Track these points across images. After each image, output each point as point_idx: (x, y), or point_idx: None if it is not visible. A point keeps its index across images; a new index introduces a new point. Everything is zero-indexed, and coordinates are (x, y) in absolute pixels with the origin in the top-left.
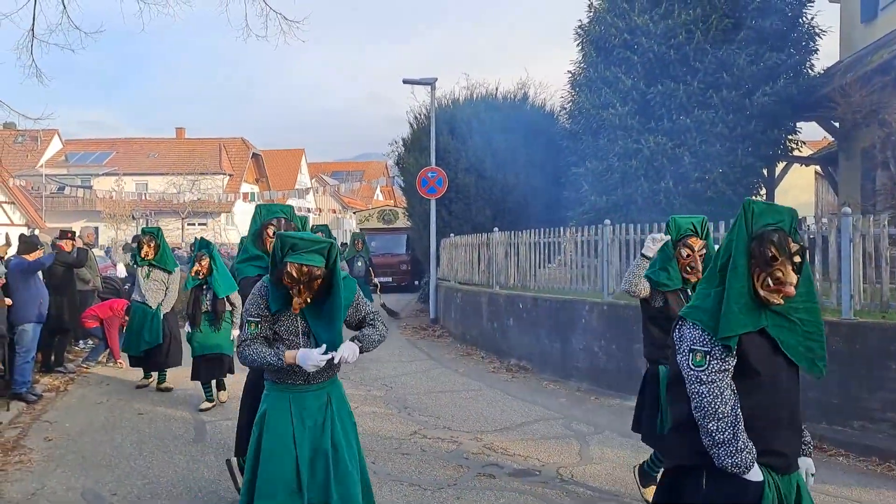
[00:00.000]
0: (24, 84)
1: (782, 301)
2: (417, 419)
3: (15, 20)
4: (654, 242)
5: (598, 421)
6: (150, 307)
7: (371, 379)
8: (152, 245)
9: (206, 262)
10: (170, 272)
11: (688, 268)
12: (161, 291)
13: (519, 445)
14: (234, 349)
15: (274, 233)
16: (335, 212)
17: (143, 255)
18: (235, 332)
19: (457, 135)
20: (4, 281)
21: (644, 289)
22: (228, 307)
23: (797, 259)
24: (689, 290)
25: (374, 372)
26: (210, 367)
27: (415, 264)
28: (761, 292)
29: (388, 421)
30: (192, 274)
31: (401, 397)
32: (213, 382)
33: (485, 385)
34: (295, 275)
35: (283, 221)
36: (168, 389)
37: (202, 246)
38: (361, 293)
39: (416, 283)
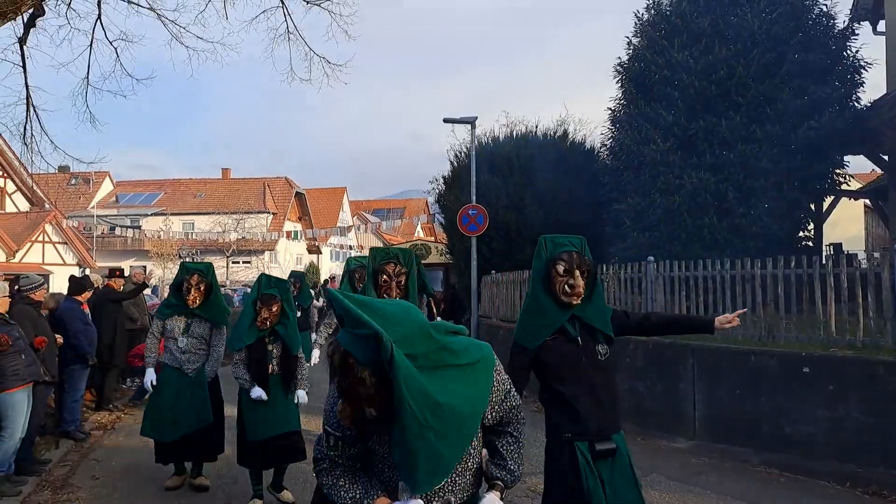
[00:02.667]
0: (79, 129)
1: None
2: None
3: (71, 69)
4: None
5: (645, 463)
6: (188, 373)
7: None
8: (202, 288)
9: (277, 307)
10: (219, 325)
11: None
12: (202, 351)
13: None
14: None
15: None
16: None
17: (190, 302)
18: (303, 396)
19: (497, 172)
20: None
21: None
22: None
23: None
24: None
25: None
26: (281, 452)
27: (451, 302)
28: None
29: None
30: (259, 324)
31: None
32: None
33: (529, 425)
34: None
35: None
36: (205, 488)
37: (270, 285)
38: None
39: (454, 321)
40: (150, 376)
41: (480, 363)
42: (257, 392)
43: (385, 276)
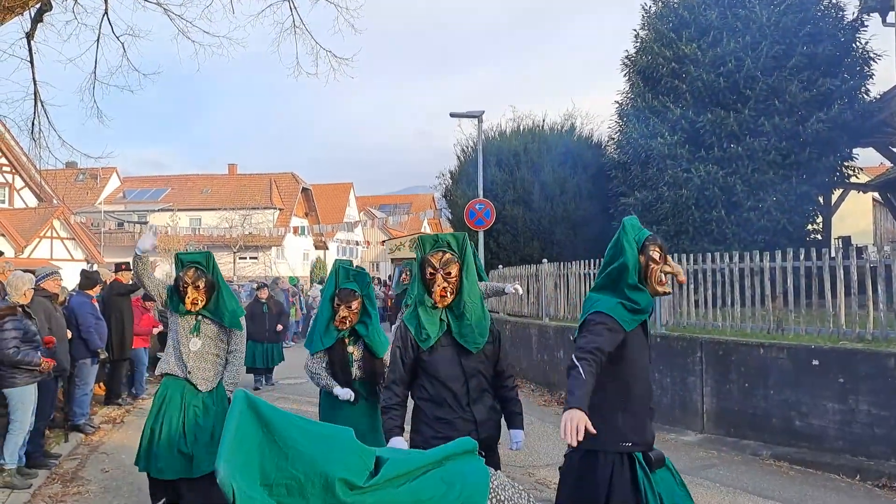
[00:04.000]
0: (86, 125)
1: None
2: None
3: (78, 64)
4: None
5: None
6: (200, 389)
7: None
8: (202, 286)
9: (357, 304)
10: (234, 330)
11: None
12: (219, 359)
13: None
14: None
15: None
16: (383, 244)
17: (188, 305)
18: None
19: (504, 167)
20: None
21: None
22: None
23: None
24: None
25: None
26: None
27: None
28: None
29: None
30: (337, 323)
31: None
32: None
33: (535, 418)
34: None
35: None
36: None
37: (348, 278)
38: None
39: None
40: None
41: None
42: (343, 392)
43: (430, 269)
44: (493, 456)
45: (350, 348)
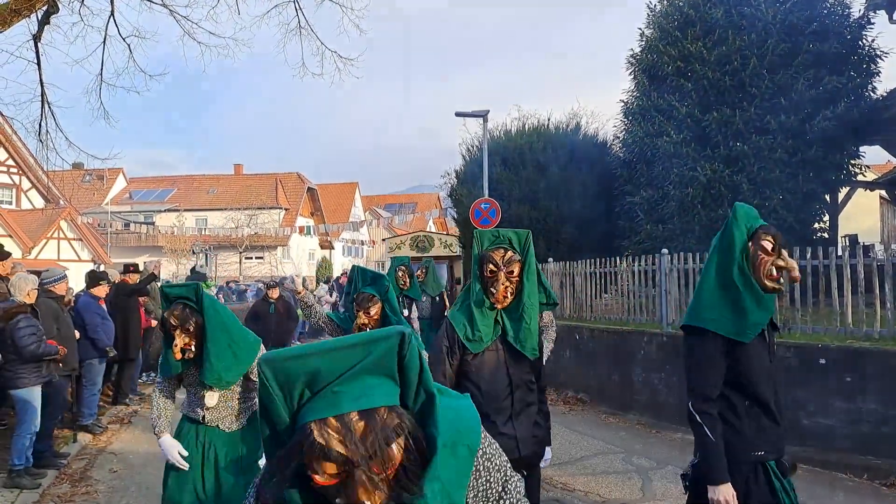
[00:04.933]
0: (93, 126)
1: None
2: None
3: (85, 66)
4: None
5: (660, 455)
6: (222, 429)
7: None
8: (192, 328)
9: (377, 310)
10: (249, 386)
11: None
12: (247, 399)
13: (579, 480)
14: None
15: None
16: (383, 242)
17: (176, 354)
18: None
19: (509, 166)
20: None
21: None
22: None
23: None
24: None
25: None
26: None
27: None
28: None
29: None
30: (354, 332)
31: None
32: None
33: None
34: None
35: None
36: None
37: (366, 281)
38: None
39: None
40: (170, 447)
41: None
42: None
43: (492, 266)
44: (535, 474)
45: None
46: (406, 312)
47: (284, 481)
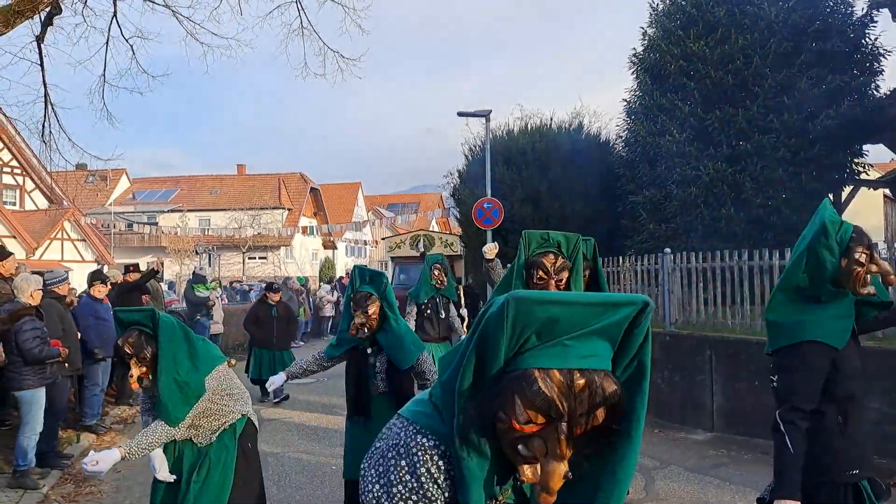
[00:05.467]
0: (96, 127)
1: None
2: None
3: (88, 67)
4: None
5: (663, 455)
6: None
7: None
8: (148, 355)
9: (374, 309)
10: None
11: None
12: (218, 413)
13: None
14: None
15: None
16: (383, 241)
17: (136, 383)
18: None
19: (512, 165)
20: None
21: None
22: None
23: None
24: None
25: None
26: None
27: (469, 298)
28: None
29: None
30: (353, 332)
31: None
32: None
33: None
34: None
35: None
36: None
37: (364, 280)
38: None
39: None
40: (159, 463)
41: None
42: (276, 379)
43: (542, 273)
44: None
45: (372, 359)
46: (443, 314)
47: (478, 420)
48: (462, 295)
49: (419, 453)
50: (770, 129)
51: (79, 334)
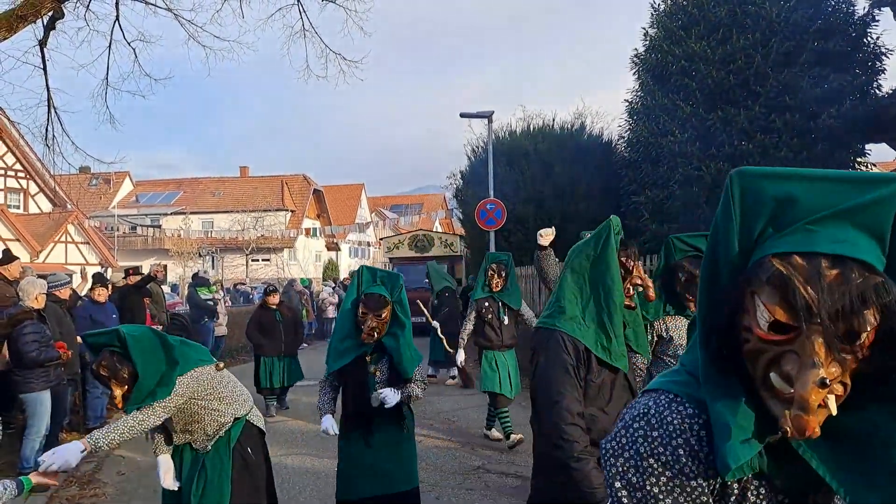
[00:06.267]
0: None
1: None
2: (481, 454)
3: (91, 70)
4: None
5: None
6: (198, 449)
7: (433, 413)
8: (126, 374)
9: (387, 312)
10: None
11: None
12: (208, 417)
13: None
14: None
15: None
16: (380, 242)
17: (122, 402)
18: (390, 395)
19: (514, 166)
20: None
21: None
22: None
23: None
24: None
25: (436, 406)
26: None
27: (468, 299)
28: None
29: (452, 455)
30: (364, 337)
31: (464, 431)
32: None
33: None
34: None
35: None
36: None
37: (375, 281)
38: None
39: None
40: (165, 470)
41: None
42: (325, 423)
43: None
44: None
45: (371, 368)
46: (506, 320)
47: (723, 345)
48: (460, 296)
49: (675, 422)
50: (772, 129)
51: (78, 338)
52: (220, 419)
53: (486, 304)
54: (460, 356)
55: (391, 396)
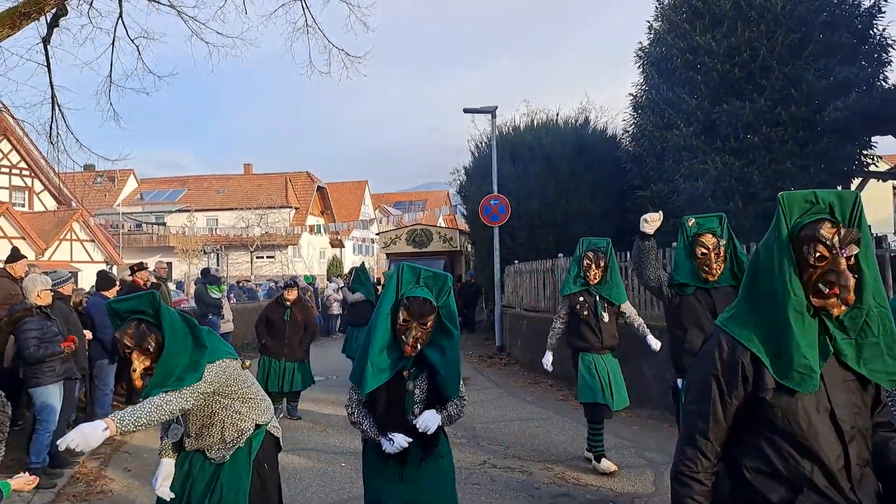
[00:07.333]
0: (103, 127)
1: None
2: (487, 448)
3: (94, 67)
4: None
5: (673, 450)
6: (212, 459)
7: None
8: (152, 347)
9: (433, 321)
10: (235, 408)
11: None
12: (227, 418)
13: (591, 475)
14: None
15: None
16: (378, 236)
17: (139, 381)
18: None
19: (518, 162)
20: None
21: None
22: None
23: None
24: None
25: None
26: None
27: (466, 296)
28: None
29: (457, 450)
30: (408, 350)
31: (469, 426)
32: None
33: (554, 413)
34: None
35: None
36: None
37: (417, 282)
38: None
39: (469, 321)
40: (163, 476)
41: None
42: (396, 443)
43: (823, 250)
44: None
45: (409, 385)
46: (606, 317)
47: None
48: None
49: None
50: (778, 122)
51: (88, 334)
52: (240, 424)
53: (581, 298)
54: (548, 359)
55: (433, 421)
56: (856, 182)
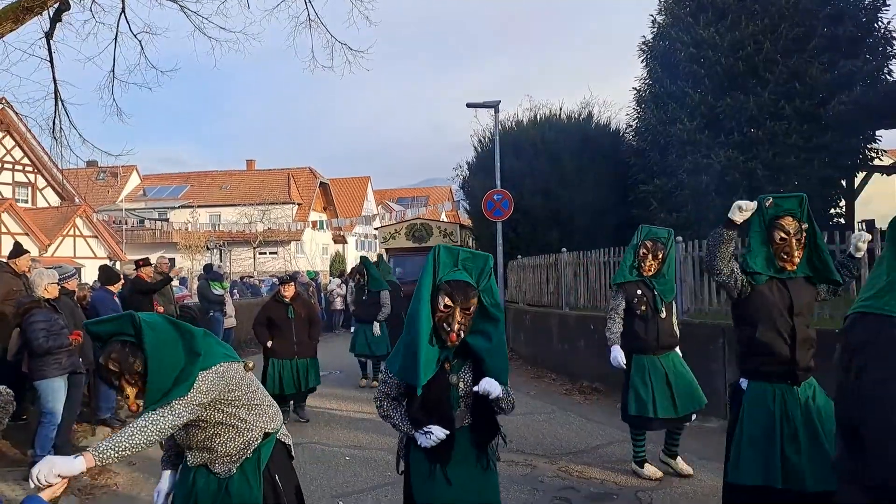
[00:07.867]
0: (106, 123)
1: None
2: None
3: (97, 63)
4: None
5: (688, 444)
6: (217, 473)
7: None
8: (138, 367)
9: (474, 305)
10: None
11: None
12: (231, 431)
13: (595, 469)
14: None
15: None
16: (376, 231)
17: (134, 406)
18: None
19: (521, 156)
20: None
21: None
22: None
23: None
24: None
25: None
26: None
27: None
28: None
29: None
30: (453, 339)
31: None
32: None
33: (557, 408)
34: None
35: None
36: None
37: (456, 264)
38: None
39: None
40: (160, 491)
41: None
42: (434, 436)
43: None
44: None
45: (453, 378)
46: (664, 313)
47: None
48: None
49: None
50: (782, 116)
51: None
52: (246, 434)
53: (639, 292)
54: (620, 355)
55: (494, 385)
56: (860, 176)
